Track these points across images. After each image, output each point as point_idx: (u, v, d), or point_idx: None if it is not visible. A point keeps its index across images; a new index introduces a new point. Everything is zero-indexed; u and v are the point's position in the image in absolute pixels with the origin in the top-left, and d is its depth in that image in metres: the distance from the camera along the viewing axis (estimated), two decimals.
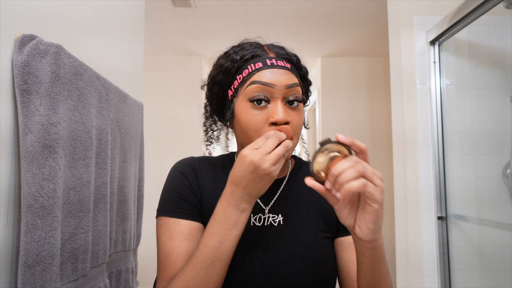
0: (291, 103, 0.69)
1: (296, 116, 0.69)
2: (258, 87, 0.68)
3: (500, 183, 1.75)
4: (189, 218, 0.71)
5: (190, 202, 0.72)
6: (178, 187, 0.73)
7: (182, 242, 0.68)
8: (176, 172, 0.75)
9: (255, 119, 0.68)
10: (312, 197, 0.76)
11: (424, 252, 1.74)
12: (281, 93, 0.68)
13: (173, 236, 0.69)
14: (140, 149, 1.19)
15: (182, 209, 0.71)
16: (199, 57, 3.48)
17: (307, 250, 0.71)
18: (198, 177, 0.75)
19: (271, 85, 0.68)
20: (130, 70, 1.24)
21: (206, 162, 0.79)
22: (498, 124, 1.83)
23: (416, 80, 1.82)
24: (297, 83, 0.70)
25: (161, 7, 2.49)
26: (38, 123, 0.63)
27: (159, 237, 0.71)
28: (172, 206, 0.72)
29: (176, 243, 0.68)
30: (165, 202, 0.73)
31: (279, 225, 0.73)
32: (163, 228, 0.71)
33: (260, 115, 0.68)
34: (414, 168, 1.79)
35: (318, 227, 0.74)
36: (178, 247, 0.68)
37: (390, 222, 2.86)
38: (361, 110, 3.39)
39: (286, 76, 0.69)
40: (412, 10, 1.85)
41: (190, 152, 3.36)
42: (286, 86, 0.68)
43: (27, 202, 0.62)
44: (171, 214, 0.71)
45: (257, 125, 0.68)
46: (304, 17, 2.63)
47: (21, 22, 0.67)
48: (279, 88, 0.68)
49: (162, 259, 0.68)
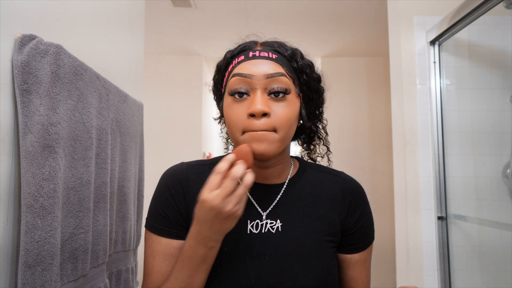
0: (277, 94, 0.65)
1: (281, 108, 0.65)
2: (237, 79, 0.66)
3: (500, 183, 1.75)
4: (170, 236, 0.70)
5: (172, 221, 0.70)
6: (162, 204, 0.72)
7: (163, 262, 0.69)
8: (163, 187, 0.73)
9: (235, 112, 0.65)
10: (316, 203, 0.72)
11: (424, 252, 1.73)
12: (261, 83, 0.65)
13: (155, 255, 0.70)
14: (140, 149, 1.19)
15: (163, 226, 0.71)
16: (199, 57, 3.48)
17: (309, 260, 0.67)
18: (185, 191, 0.72)
19: (249, 76, 0.65)
20: (130, 70, 1.24)
21: (197, 170, 0.74)
22: (498, 124, 1.83)
23: (416, 80, 1.82)
24: (281, 73, 0.66)
25: (161, 7, 2.49)
26: (38, 123, 0.63)
27: (145, 249, 0.72)
28: (154, 223, 0.72)
29: (157, 262, 0.69)
30: (150, 216, 0.73)
31: (278, 232, 0.69)
32: (147, 242, 0.72)
33: (239, 108, 0.65)
34: (414, 168, 1.79)
35: (321, 235, 0.70)
36: (158, 267, 0.69)
37: (390, 222, 2.86)
38: (361, 110, 3.38)
39: (267, 66, 0.66)
40: (412, 10, 1.85)
41: (190, 152, 3.36)
42: (266, 76, 0.65)
43: (27, 202, 0.62)
44: (154, 230, 0.71)
45: (236, 118, 0.65)
46: (304, 17, 2.63)
47: (21, 22, 0.67)
48: (257, 78, 0.65)
49: (145, 275, 0.71)
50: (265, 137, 0.63)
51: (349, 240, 0.74)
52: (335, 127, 3.32)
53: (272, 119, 0.64)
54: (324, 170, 0.79)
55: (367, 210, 0.76)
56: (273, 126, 0.64)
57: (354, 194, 0.75)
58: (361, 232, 0.75)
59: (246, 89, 0.66)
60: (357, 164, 3.30)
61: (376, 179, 3.28)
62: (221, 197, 0.56)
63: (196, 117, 3.42)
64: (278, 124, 0.64)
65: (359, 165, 3.30)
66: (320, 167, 0.80)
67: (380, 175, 3.27)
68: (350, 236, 0.74)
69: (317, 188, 0.74)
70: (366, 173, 3.29)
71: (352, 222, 0.73)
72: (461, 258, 1.73)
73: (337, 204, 0.73)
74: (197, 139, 3.42)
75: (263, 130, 0.63)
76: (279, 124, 0.64)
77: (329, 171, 0.79)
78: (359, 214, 0.74)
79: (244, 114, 0.64)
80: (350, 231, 0.73)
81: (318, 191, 0.74)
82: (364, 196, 0.77)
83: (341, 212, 0.73)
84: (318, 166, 0.80)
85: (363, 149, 3.34)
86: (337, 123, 3.33)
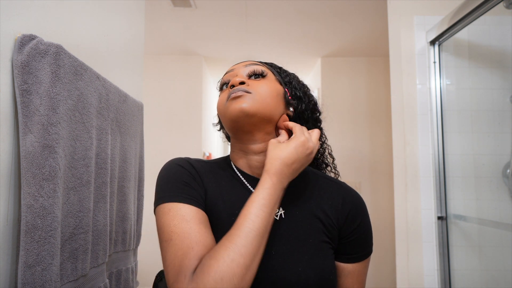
0: (256, 76, 0.75)
1: (258, 83, 0.72)
2: (224, 77, 0.77)
3: (500, 183, 1.75)
4: (199, 206, 0.66)
5: (197, 191, 0.68)
6: (182, 176, 0.69)
7: (200, 224, 0.63)
8: (175, 165, 0.71)
9: (221, 97, 0.74)
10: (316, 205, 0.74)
11: (424, 252, 1.74)
12: (241, 70, 0.75)
13: (188, 219, 0.62)
14: (140, 149, 1.19)
15: (190, 196, 0.66)
16: (199, 57, 3.48)
17: (311, 260, 0.68)
18: (199, 173, 0.72)
19: (231, 70, 0.77)
20: (130, 70, 1.24)
21: (203, 163, 0.77)
22: (498, 124, 1.83)
23: (416, 80, 1.82)
24: (257, 63, 0.77)
25: (161, 7, 2.49)
26: (38, 123, 0.63)
27: (167, 222, 0.62)
28: (178, 193, 0.66)
29: (194, 225, 0.62)
30: (168, 190, 0.67)
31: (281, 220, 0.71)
32: (170, 213, 0.63)
33: (224, 92, 0.74)
34: (414, 167, 1.79)
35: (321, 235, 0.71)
36: (198, 228, 0.62)
37: (390, 223, 2.86)
38: (361, 110, 3.38)
39: (246, 62, 0.77)
40: (412, 10, 1.85)
41: (190, 152, 3.36)
42: (245, 65, 0.76)
43: (27, 202, 0.62)
44: (180, 200, 0.65)
45: (222, 99, 0.73)
46: (304, 17, 2.63)
47: (21, 22, 0.67)
48: (237, 69, 0.76)
49: (181, 240, 0.60)
50: (241, 95, 0.69)
51: (344, 248, 0.74)
52: (335, 127, 3.32)
53: (250, 86, 0.71)
54: (326, 177, 0.81)
55: (365, 221, 0.77)
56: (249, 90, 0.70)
57: (355, 204, 0.76)
58: (358, 242, 0.75)
59: (230, 79, 0.75)
60: (357, 164, 3.30)
61: (376, 179, 3.28)
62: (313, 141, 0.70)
63: (196, 117, 3.42)
64: (254, 90, 0.71)
65: (359, 165, 3.30)
66: (322, 174, 0.82)
67: (380, 175, 3.27)
68: (346, 244, 0.74)
69: (318, 192, 0.76)
70: (366, 173, 3.29)
71: (350, 231, 0.74)
72: (461, 258, 1.73)
73: (336, 211, 0.74)
74: (197, 139, 3.42)
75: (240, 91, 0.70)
76: (255, 90, 0.71)
77: (331, 179, 0.81)
78: (358, 224, 0.75)
79: (227, 93, 0.73)
80: (346, 239, 0.74)
81: (320, 194, 0.75)
82: (364, 208, 0.77)
83: (340, 219, 0.74)
84: (320, 173, 0.82)
85: (363, 149, 3.34)
86: (337, 123, 3.33)
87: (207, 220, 0.66)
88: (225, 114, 0.71)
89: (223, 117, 0.73)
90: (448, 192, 1.76)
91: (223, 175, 0.75)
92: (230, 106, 0.69)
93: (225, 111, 0.71)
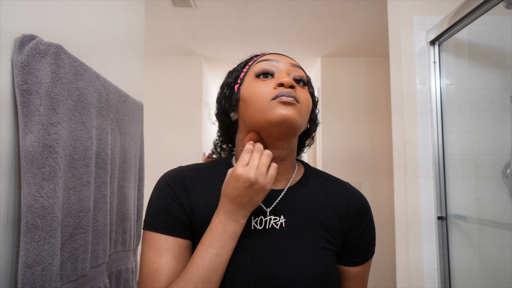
0: (298, 82, 0.70)
1: (303, 92, 0.68)
2: (264, 63, 0.70)
3: (500, 183, 1.75)
4: (177, 235, 0.66)
5: (177, 218, 0.67)
6: (164, 201, 0.68)
7: (171, 260, 0.64)
8: (163, 184, 0.71)
9: (262, 87, 0.67)
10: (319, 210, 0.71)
11: (424, 252, 1.74)
12: (286, 69, 0.70)
13: (161, 253, 0.64)
14: (140, 149, 1.19)
15: (169, 224, 0.66)
16: (199, 57, 3.48)
17: (310, 268, 0.66)
18: (188, 191, 0.70)
19: (275, 60, 0.70)
20: (130, 70, 1.24)
21: (197, 173, 0.73)
22: (498, 124, 1.83)
23: (416, 80, 1.82)
24: (301, 67, 0.72)
25: (161, 7, 2.49)
26: (38, 123, 0.63)
27: (144, 251, 0.66)
28: (158, 221, 0.67)
29: (165, 260, 0.64)
30: (151, 216, 0.68)
31: (282, 228, 0.68)
32: (148, 243, 0.66)
33: (266, 84, 0.68)
34: (414, 168, 1.79)
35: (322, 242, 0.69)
36: (167, 264, 0.64)
37: (390, 222, 2.86)
38: (361, 110, 3.39)
39: (289, 59, 0.73)
40: (412, 10, 1.85)
41: (190, 152, 3.36)
42: (291, 64, 0.71)
43: (27, 202, 0.62)
44: (158, 229, 0.66)
45: (264, 91, 0.66)
46: (304, 17, 2.63)
47: (21, 22, 0.67)
48: (283, 63, 0.70)
49: (148, 275, 0.63)
50: (292, 104, 0.64)
51: (349, 253, 0.73)
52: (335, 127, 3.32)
53: (298, 94, 0.67)
54: (329, 178, 0.78)
55: (370, 224, 0.75)
56: (298, 99, 0.66)
57: (360, 208, 0.74)
58: (363, 246, 0.74)
59: (273, 70, 0.70)
60: (357, 163, 3.30)
61: (376, 179, 3.28)
62: (253, 169, 0.61)
63: (196, 117, 3.42)
64: (301, 100, 0.67)
65: (359, 165, 3.30)
66: (325, 174, 0.79)
67: (380, 175, 3.27)
68: (351, 249, 0.73)
69: (321, 195, 0.73)
70: (366, 173, 3.30)
71: (355, 236, 0.73)
72: (461, 258, 1.73)
73: (341, 215, 0.72)
74: (197, 139, 3.41)
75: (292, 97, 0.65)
76: (302, 101, 0.67)
77: (334, 180, 0.78)
78: (363, 228, 0.73)
79: (270, 87, 0.66)
80: (351, 244, 0.73)
81: (323, 198, 0.73)
82: (369, 210, 0.76)
83: (345, 224, 0.72)
84: (323, 173, 0.79)
85: (363, 149, 3.34)
86: (337, 123, 3.33)
87: (185, 250, 0.67)
88: (264, 112, 0.65)
89: (258, 113, 0.66)
90: (448, 192, 1.76)
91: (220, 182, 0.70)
92: (275, 108, 0.64)
93: (266, 109, 0.65)
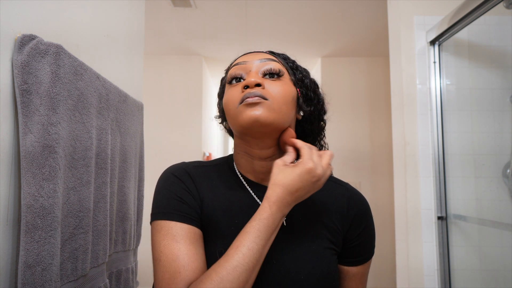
0: (271, 76, 0.69)
1: (275, 85, 0.67)
2: (233, 69, 0.71)
3: (500, 183, 1.75)
4: (192, 223, 0.65)
5: (190, 206, 0.67)
6: (176, 190, 0.68)
7: (190, 245, 0.62)
8: (171, 176, 0.70)
9: (231, 92, 0.68)
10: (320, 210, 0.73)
11: (424, 252, 1.73)
12: (255, 66, 0.69)
13: (178, 239, 0.62)
14: (140, 149, 1.19)
15: (183, 212, 0.65)
16: (199, 57, 3.47)
17: (314, 267, 0.67)
18: (196, 184, 0.70)
19: (243, 62, 0.70)
20: (130, 70, 1.24)
21: (200, 169, 0.73)
22: (498, 124, 1.83)
23: (416, 80, 1.82)
24: (273, 59, 0.70)
25: (161, 7, 2.49)
26: (38, 123, 0.63)
27: (158, 241, 0.63)
28: (171, 210, 0.65)
29: (184, 246, 0.62)
30: (162, 205, 0.67)
31: (283, 227, 0.69)
32: (161, 232, 0.64)
33: (235, 88, 0.68)
34: (414, 168, 1.79)
35: (324, 242, 0.70)
36: (187, 250, 0.61)
37: (390, 222, 2.86)
38: (361, 110, 3.38)
39: (260, 55, 0.71)
40: (412, 10, 1.85)
41: (190, 152, 3.36)
42: (260, 61, 0.69)
43: (27, 202, 0.62)
44: (172, 217, 0.64)
45: (233, 96, 0.67)
46: (304, 17, 2.63)
47: (21, 22, 0.67)
48: (251, 63, 0.69)
49: (169, 261, 0.60)
50: (258, 103, 0.63)
51: (349, 252, 0.74)
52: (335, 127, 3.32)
53: (266, 90, 0.66)
54: (330, 178, 0.78)
55: (370, 225, 0.76)
56: (266, 96, 0.65)
57: (360, 208, 0.75)
58: (362, 246, 0.74)
59: (241, 73, 0.69)
60: (357, 163, 3.30)
61: (376, 179, 3.28)
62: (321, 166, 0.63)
63: (196, 117, 3.42)
64: (271, 96, 0.65)
65: (359, 165, 3.30)
66: None
67: (380, 175, 3.27)
68: (351, 249, 0.74)
69: (323, 195, 0.74)
70: (366, 173, 3.29)
71: (355, 236, 0.73)
72: (461, 258, 1.73)
73: (341, 215, 0.73)
74: (197, 139, 3.41)
75: (257, 96, 0.64)
76: (272, 96, 0.65)
77: (335, 180, 0.78)
78: (363, 228, 0.74)
79: (238, 92, 0.66)
80: (351, 244, 0.73)
81: (324, 199, 0.74)
82: (369, 211, 0.76)
83: (345, 224, 0.73)
84: None
85: (363, 149, 3.34)
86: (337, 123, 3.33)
87: (199, 238, 0.65)
88: (235, 118, 0.66)
89: (232, 119, 0.67)
90: (448, 192, 1.76)
91: (223, 180, 0.72)
92: (243, 112, 0.64)
93: (236, 115, 0.65)
